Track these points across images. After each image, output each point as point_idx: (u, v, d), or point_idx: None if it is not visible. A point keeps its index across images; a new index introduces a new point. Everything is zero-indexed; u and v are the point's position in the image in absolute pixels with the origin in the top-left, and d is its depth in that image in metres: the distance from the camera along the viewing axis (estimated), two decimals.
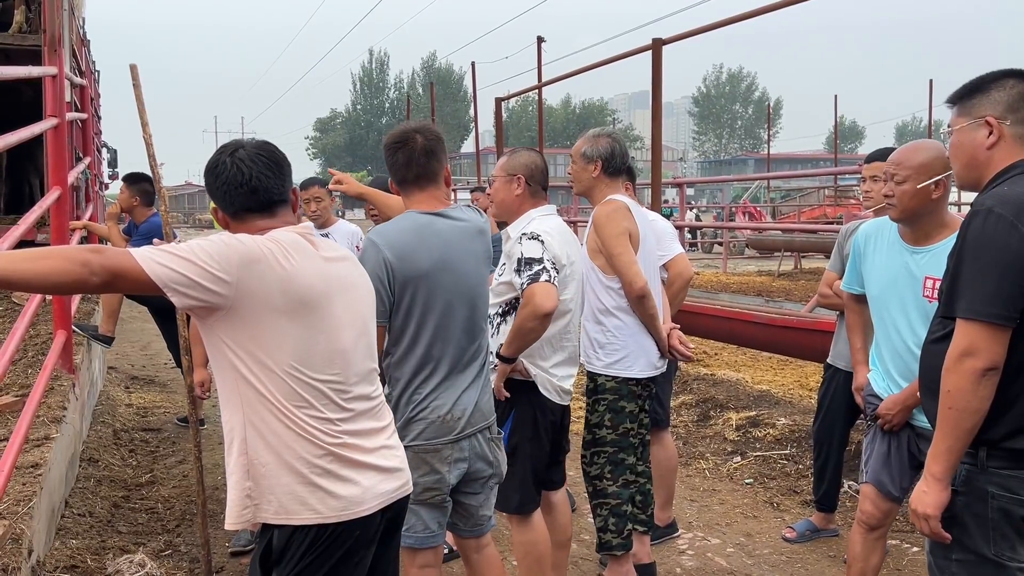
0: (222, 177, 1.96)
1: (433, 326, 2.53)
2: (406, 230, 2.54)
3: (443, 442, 2.55)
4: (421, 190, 2.63)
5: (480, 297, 2.67)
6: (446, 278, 2.54)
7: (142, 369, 8.12)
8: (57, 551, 3.42)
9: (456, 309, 2.57)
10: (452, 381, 2.57)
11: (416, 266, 2.49)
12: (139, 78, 3.51)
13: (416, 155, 2.60)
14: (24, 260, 1.62)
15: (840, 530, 4.18)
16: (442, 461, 2.56)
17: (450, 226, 2.60)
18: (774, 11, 5.29)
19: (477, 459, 2.65)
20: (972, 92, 2.05)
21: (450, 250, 2.56)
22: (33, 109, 5.61)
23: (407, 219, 2.58)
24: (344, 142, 79.22)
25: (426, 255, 2.51)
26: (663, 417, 4.07)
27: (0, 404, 3.90)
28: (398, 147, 2.61)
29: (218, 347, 1.86)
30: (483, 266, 2.70)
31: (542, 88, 9.80)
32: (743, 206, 25.68)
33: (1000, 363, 1.87)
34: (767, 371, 7.68)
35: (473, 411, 2.62)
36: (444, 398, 2.55)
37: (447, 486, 2.59)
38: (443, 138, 2.71)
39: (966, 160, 2.06)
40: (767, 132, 23.84)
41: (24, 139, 3.60)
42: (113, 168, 16.15)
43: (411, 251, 2.49)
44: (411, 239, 2.52)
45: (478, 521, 2.76)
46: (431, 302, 2.52)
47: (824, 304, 4.22)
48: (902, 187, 2.66)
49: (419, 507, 2.57)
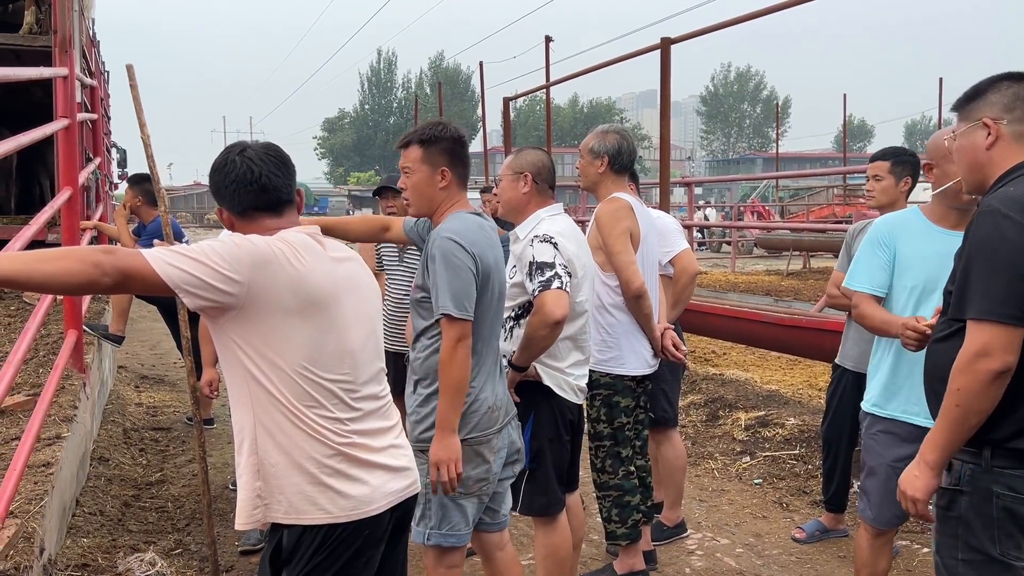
0: (231, 176, 1.96)
1: (489, 321, 2.62)
2: (474, 229, 2.58)
3: (492, 432, 2.62)
4: (464, 191, 2.71)
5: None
6: (497, 275, 2.63)
7: (151, 368, 8.15)
8: (68, 549, 3.44)
9: (499, 303, 2.68)
10: (492, 373, 2.67)
11: (487, 263, 2.56)
12: (136, 79, 3.49)
13: (467, 155, 2.70)
14: (37, 261, 1.63)
15: (850, 530, 4.16)
16: (492, 451, 2.62)
17: (491, 225, 2.72)
18: (782, 10, 5.28)
19: (510, 446, 2.74)
20: (971, 98, 2.09)
21: (496, 248, 2.67)
22: (44, 109, 5.64)
23: (469, 219, 2.62)
24: (352, 142, 79.35)
25: (490, 253, 2.59)
26: (672, 416, 4.07)
27: (12, 403, 3.92)
28: (462, 142, 2.69)
29: (229, 347, 1.87)
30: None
31: (550, 87, 9.79)
32: (751, 205, 25.62)
33: (1014, 365, 1.86)
34: (776, 371, 7.66)
35: (507, 401, 2.74)
36: (488, 390, 2.63)
37: (495, 476, 2.66)
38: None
39: (968, 163, 2.09)
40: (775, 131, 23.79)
41: (36, 140, 3.62)
42: (123, 168, 16.21)
43: (481, 250, 2.55)
44: (481, 238, 2.58)
45: (504, 512, 2.81)
46: (489, 298, 2.59)
47: (832, 304, 4.21)
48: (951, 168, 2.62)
49: (467, 501, 2.62)
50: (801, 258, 17.44)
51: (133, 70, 3.49)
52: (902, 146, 4.19)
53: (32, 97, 7.67)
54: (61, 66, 4.85)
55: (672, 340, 3.52)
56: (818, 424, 5.02)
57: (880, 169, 3.69)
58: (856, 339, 3.85)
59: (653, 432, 3.97)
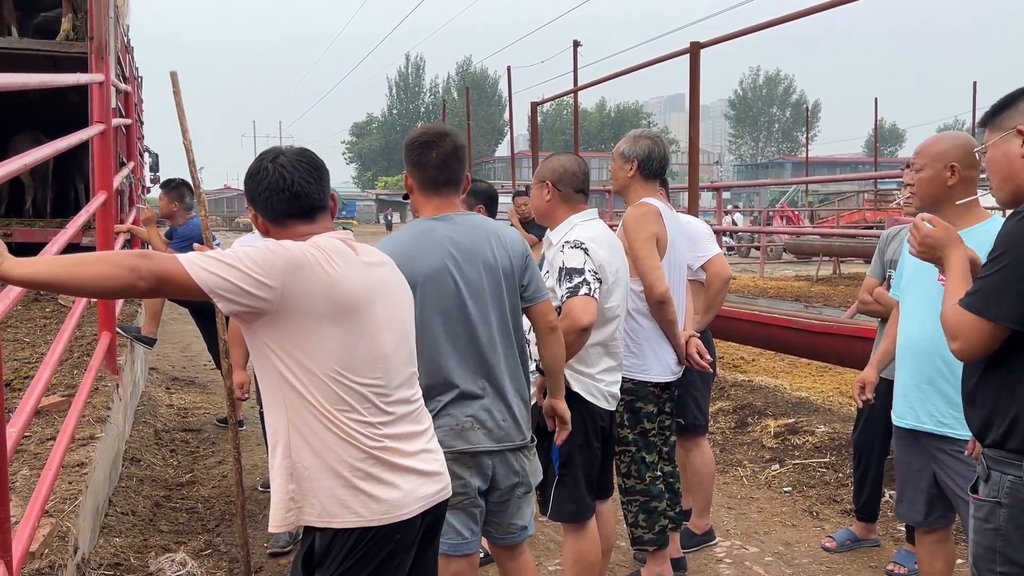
0: (264, 183, 1.98)
1: (446, 332, 2.62)
2: (407, 240, 2.57)
3: (461, 450, 2.55)
4: (432, 194, 2.63)
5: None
6: (432, 281, 2.58)
7: (182, 370, 8.25)
8: (101, 549, 3.49)
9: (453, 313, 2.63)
10: (470, 392, 2.64)
11: (412, 272, 2.55)
12: (179, 85, 3.55)
13: (428, 157, 2.59)
14: (74, 265, 1.66)
15: (881, 540, 4.10)
16: (464, 468, 2.56)
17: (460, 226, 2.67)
18: (813, 14, 5.23)
19: (506, 467, 2.64)
20: (1001, 109, 2.07)
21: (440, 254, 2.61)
22: (79, 114, 5.74)
23: (408, 228, 2.61)
24: (380, 146, 79.81)
25: (423, 261, 2.57)
26: (702, 423, 4.04)
27: (48, 404, 3.99)
28: (420, 144, 2.59)
29: (262, 351, 1.89)
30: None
31: (578, 92, 9.78)
32: (780, 210, 25.40)
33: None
34: (806, 377, 7.58)
35: (509, 424, 2.65)
36: (459, 408, 2.58)
37: (474, 491, 2.58)
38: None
39: (1003, 174, 2.06)
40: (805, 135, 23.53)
41: (72, 145, 3.68)
42: (155, 172, 16.45)
43: (403, 259, 2.53)
44: (414, 248, 2.56)
45: (513, 528, 2.73)
46: (429, 309, 2.59)
47: (864, 311, 4.16)
48: (920, 175, 2.72)
49: (448, 513, 2.58)
50: (831, 263, 17.24)
51: (176, 77, 3.54)
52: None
53: (68, 102, 7.81)
54: (97, 72, 4.94)
55: (697, 348, 3.49)
56: (849, 432, 4.95)
57: None
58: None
59: (682, 439, 3.95)
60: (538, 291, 2.69)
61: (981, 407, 2.01)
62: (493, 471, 2.58)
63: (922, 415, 2.79)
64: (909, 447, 2.90)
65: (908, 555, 3.76)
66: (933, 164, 2.67)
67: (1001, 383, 1.95)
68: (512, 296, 2.61)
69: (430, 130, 2.62)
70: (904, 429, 2.89)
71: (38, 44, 7.16)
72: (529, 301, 2.67)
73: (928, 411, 2.77)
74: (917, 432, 2.83)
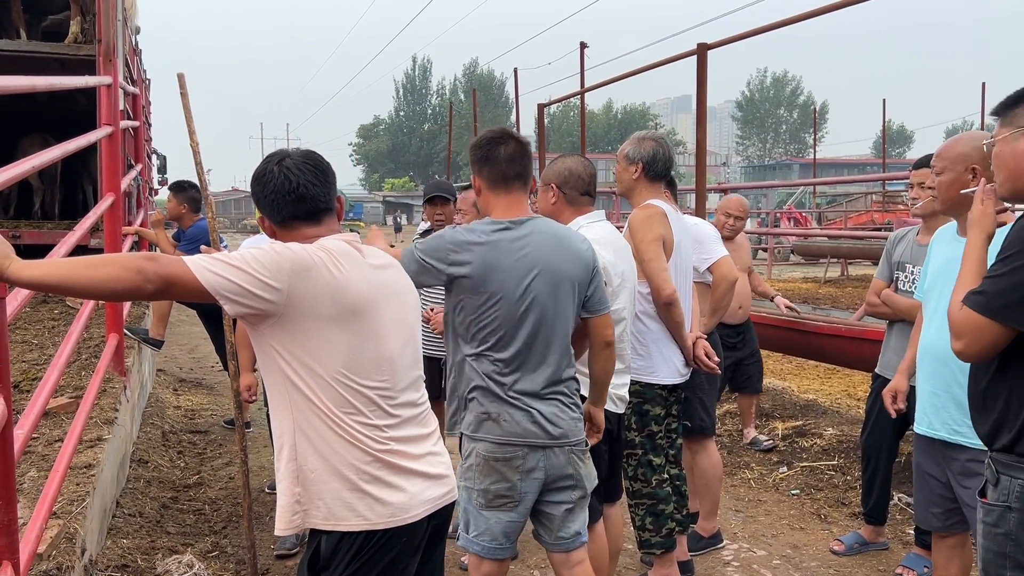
0: (270, 186, 1.98)
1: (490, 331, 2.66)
2: (463, 235, 2.60)
3: (504, 449, 2.59)
4: (501, 192, 2.68)
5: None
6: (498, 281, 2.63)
7: (190, 372, 8.26)
8: (109, 550, 3.49)
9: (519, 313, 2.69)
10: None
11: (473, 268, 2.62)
12: (187, 87, 3.56)
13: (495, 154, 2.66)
14: (82, 268, 1.66)
15: (890, 543, 4.08)
16: (511, 469, 2.59)
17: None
18: (822, 15, 5.21)
19: (557, 470, 2.64)
20: (1016, 103, 2.04)
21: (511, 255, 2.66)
22: (87, 116, 5.75)
23: (477, 225, 2.64)
24: (387, 148, 79.91)
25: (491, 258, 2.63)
26: (709, 425, 4.03)
27: (56, 406, 3.99)
28: (483, 143, 2.66)
29: (268, 354, 1.89)
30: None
31: (584, 93, 9.77)
32: (788, 211, 25.33)
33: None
34: (813, 380, 7.56)
35: (558, 424, 2.67)
36: (495, 406, 2.64)
37: (521, 495, 2.58)
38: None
39: (1010, 170, 2.04)
40: (813, 136, 23.49)
41: (80, 147, 3.69)
42: (162, 174, 16.50)
43: (462, 256, 2.58)
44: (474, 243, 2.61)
45: (564, 534, 2.70)
46: (492, 303, 2.63)
47: (872, 313, 4.14)
48: (940, 177, 2.70)
49: (489, 513, 2.60)
50: (839, 265, 17.18)
51: (184, 79, 3.54)
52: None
53: (76, 104, 7.84)
54: (105, 75, 4.95)
55: (704, 349, 3.48)
56: (857, 434, 4.94)
57: (925, 177, 3.62)
58: (897, 348, 3.78)
59: (689, 441, 3.93)
60: (601, 303, 2.72)
61: (990, 411, 1.99)
62: (545, 472, 2.59)
63: (935, 422, 2.77)
64: (925, 453, 2.88)
65: (917, 558, 3.74)
66: (954, 167, 2.65)
67: (1011, 387, 1.94)
68: (575, 305, 2.65)
69: (496, 130, 2.70)
70: (921, 436, 2.87)
71: (46, 47, 7.17)
72: (590, 312, 2.70)
73: (942, 419, 2.75)
74: (933, 439, 2.81)
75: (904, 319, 3.73)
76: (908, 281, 3.75)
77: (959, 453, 2.71)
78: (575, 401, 2.68)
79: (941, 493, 2.84)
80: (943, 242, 2.87)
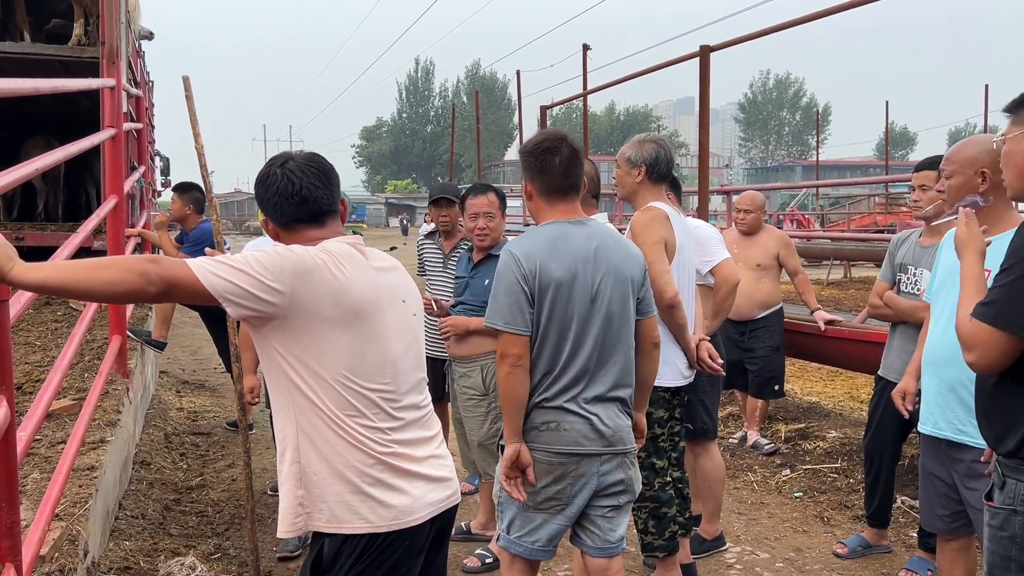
0: (272, 188, 1.99)
1: (558, 336, 2.67)
2: (542, 241, 2.61)
3: (559, 453, 2.60)
4: (555, 200, 2.67)
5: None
6: (575, 286, 2.64)
7: (192, 374, 8.27)
8: (111, 552, 3.49)
9: (587, 317, 2.69)
10: (575, 391, 2.69)
11: (548, 274, 2.60)
12: (191, 89, 3.56)
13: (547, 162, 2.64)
14: (85, 270, 1.66)
15: (893, 547, 4.07)
16: (566, 471, 2.59)
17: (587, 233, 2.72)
18: (824, 17, 5.21)
19: (607, 475, 2.64)
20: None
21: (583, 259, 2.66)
22: (90, 118, 5.76)
23: (542, 231, 2.65)
24: (389, 150, 80.00)
25: (559, 264, 2.62)
26: (711, 428, 4.02)
27: (59, 408, 4.00)
28: (534, 151, 2.64)
29: (271, 356, 1.89)
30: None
31: (587, 96, 9.77)
32: (791, 213, 25.31)
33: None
34: (816, 382, 7.55)
35: (610, 431, 2.67)
36: (549, 413, 2.65)
37: (570, 498, 2.59)
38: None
39: (1018, 169, 2.04)
40: (816, 138, 23.47)
41: (84, 149, 3.69)
42: (165, 176, 16.50)
43: (545, 261, 2.59)
44: (548, 249, 2.61)
45: (608, 540, 2.69)
46: (560, 309, 2.65)
47: (875, 315, 4.14)
48: (950, 182, 2.69)
49: (536, 515, 2.61)
50: (842, 267, 17.16)
51: (189, 81, 3.55)
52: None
53: (79, 107, 7.85)
54: (108, 77, 4.96)
55: (708, 351, 3.48)
56: (860, 437, 4.92)
57: (927, 179, 3.62)
58: (899, 350, 3.78)
59: (691, 444, 3.93)
60: (650, 305, 2.75)
61: (996, 415, 1.99)
62: (599, 478, 2.60)
63: (941, 422, 2.77)
64: (931, 454, 2.88)
65: (921, 561, 3.73)
66: (963, 171, 2.64)
67: (1017, 391, 1.93)
68: (632, 305, 2.67)
69: (550, 135, 2.65)
70: (927, 436, 2.86)
71: (50, 49, 7.19)
72: (641, 314, 2.71)
73: (948, 419, 2.74)
74: (938, 439, 2.80)
75: (906, 321, 3.73)
76: (911, 283, 3.74)
77: (964, 453, 2.71)
78: (628, 409, 2.70)
79: (946, 494, 2.84)
80: (951, 245, 2.86)
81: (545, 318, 2.54)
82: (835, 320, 5.36)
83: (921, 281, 3.66)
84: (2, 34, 7.59)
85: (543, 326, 2.55)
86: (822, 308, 5.48)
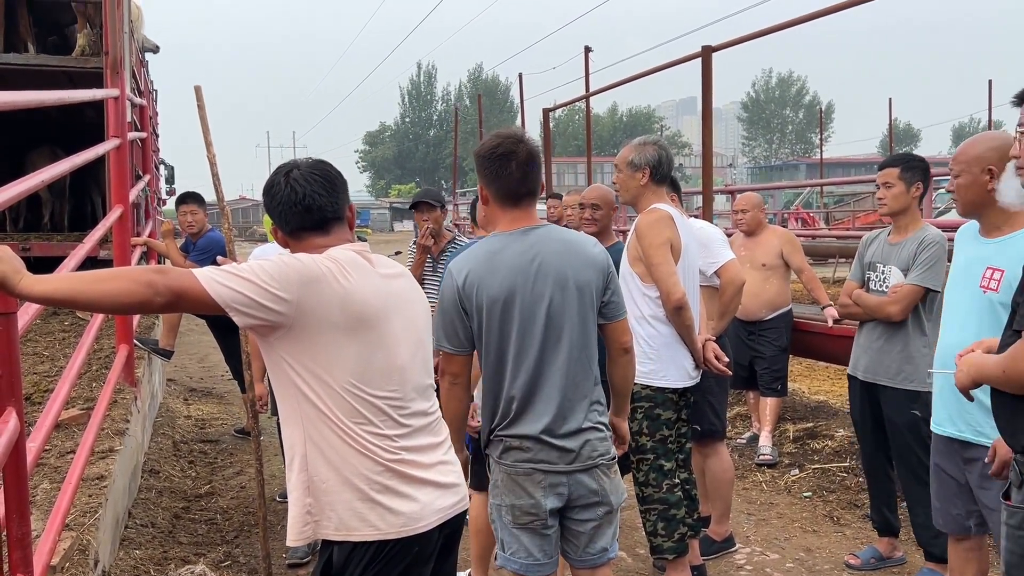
0: (278, 197, 2.00)
1: (513, 351, 2.63)
2: (480, 256, 2.56)
3: (525, 466, 2.57)
4: (508, 207, 2.56)
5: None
6: (516, 302, 2.59)
7: (200, 381, 8.28)
8: (121, 561, 3.50)
9: (531, 331, 2.64)
10: (534, 406, 2.65)
11: (488, 292, 2.55)
12: (203, 99, 3.56)
13: (501, 168, 2.51)
14: (92, 282, 1.66)
15: (907, 557, 3.97)
16: (534, 485, 2.53)
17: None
18: (825, 16, 5.20)
19: (581, 487, 2.57)
20: None
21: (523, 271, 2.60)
22: (95, 128, 5.78)
23: (482, 244, 2.58)
24: (393, 155, 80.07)
25: (496, 279, 2.57)
26: (719, 428, 4.01)
27: (67, 417, 4.01)
28: (489, 156, 2.49)
29: (278, 365, 1.89)
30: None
31: (589, 98, 9.77)
32: (795, 212, 25.26)
33: None
34: (824, 381, 7.53)
35: (578, 442, 2.62)
36: (514, 426, 2.62)
37: (545, 512, 2.52)
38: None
39: None
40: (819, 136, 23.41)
41: (89, 159, 3.71)
42: (170, 184, 16.55)
43: (480, 278, 2.54)
44: (486, 265, 2.55)
45: (590, 551, 2.63)
46: (507, 326, 2.60)
47: (845, 314, 4.12)
48: (958, 181, 2.68)
49: (519, 532, 2.56)
50: (847, 265, 17.12)
51: (201, 91, 3.55)
52: (909, 152, 4.09)
53: (84, 116, 7.88)
54: (112, 87, 4.98)
55: (714, 352, 3.48)
56: None
57: (890, 176, 3.62)
58: (866, 347, 3.75)
59: (700, 445, 3.92)
60: (617, 309, 2.61)
61: (1014, 413, 1.97)
62: (569, 490, 2.52)
63: (960, 423, 2.73)
64: (944, 455, 2.84)
65: (931, 573, 3.64)
66: (971, 169, 2.63)
67: None
68: (589, 313, 2.54)
69: (506, 138, 2.50)
70: (941, 436, 2.83)
71: (54, 60, 7.22)
72: (606, 319, 2.59)
73: (965, 419, 2.71)
74: (953, 440, 2.77)
75: (875, 318, 3.70)
76: (879, 280, 3.71)
77: (981, 454, 2.67)
78: (599, 419, 2.59)
79: (960, 494, 2.81)
80: (965, 241, 2.83)
81: (485, 336, 2.47)
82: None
83: (890, 278, 3.65)
84: (6, 46, 7.62)
85: (484, 343, 2.48)
86: (833, 305, 5.41)
